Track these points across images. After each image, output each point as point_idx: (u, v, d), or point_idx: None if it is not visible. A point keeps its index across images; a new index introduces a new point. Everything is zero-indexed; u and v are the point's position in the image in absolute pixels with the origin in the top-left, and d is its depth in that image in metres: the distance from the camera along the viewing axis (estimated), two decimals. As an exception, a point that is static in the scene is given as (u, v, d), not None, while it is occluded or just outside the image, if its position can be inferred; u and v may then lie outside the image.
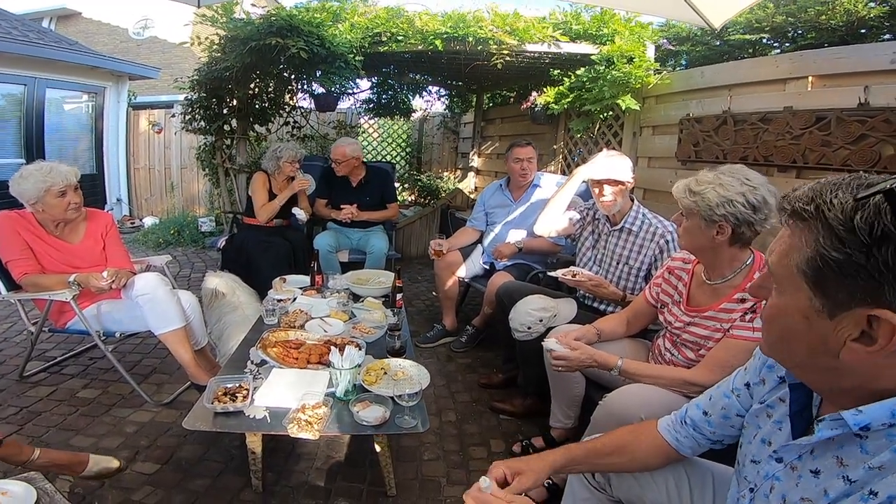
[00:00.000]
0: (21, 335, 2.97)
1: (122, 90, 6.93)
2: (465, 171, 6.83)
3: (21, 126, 5.82)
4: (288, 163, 3.40)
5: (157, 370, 2.61)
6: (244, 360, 1.76)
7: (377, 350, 1.90)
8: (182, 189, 7.21)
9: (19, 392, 2.31)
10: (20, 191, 2.10)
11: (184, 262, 4.92)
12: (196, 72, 4.56)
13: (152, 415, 2.17)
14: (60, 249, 2.21)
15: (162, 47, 10.32)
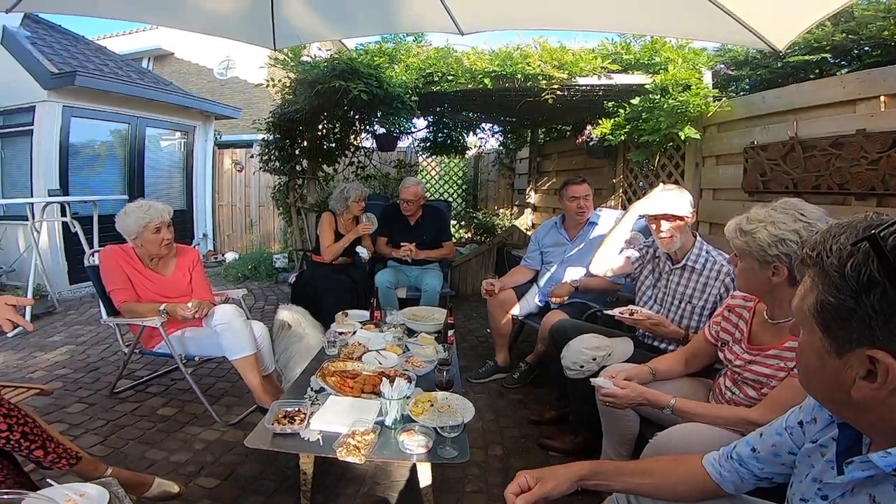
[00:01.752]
0: (115, 356, 3.32)
1: (209, 129, 7.44)
2: (521, 208, 6.84)
3: (125, 163, 6.27)
4: (356, 202, 3.57)
5: (229, 393, 2.82)
6: (305, 386, 1.88)
7: (427, 383, 1.95)
8: (260, 226, 7.79)
9: (109, 406, 2.58)
10: (123, 226, 2.42)
11: (258, 295, 5.28)
12: (271, 114, 4.98)
13: (220, 434, 2.34)
14: (154, 281, 2.49)
15: (243, 87, 10.77)
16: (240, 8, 2.34)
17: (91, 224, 4.57)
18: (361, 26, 2.68)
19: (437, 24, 2.33)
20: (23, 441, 1.40)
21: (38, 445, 1.43)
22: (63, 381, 2.89)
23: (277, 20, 2.38)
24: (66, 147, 5.33)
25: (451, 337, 2.36)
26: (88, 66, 5.78)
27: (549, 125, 6.30)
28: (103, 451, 2.14)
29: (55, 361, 3.24)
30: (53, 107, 5.19)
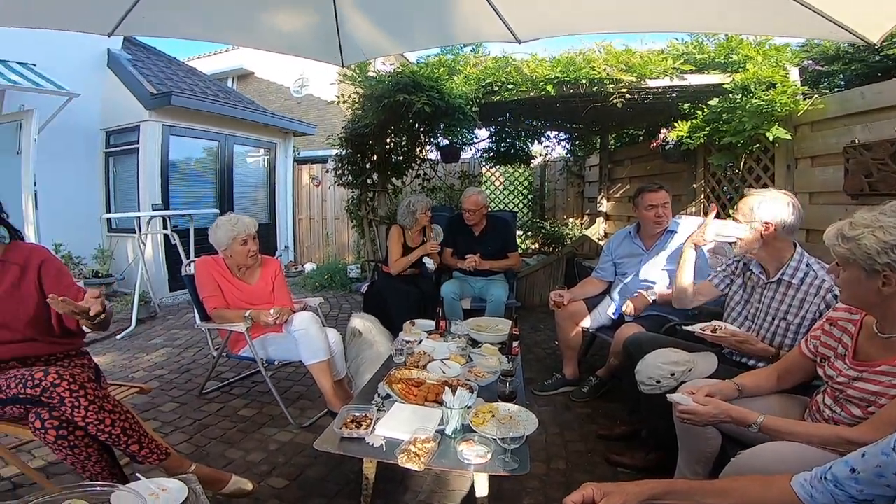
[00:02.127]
0: (206, 359, 3.60)
1: (289, 146, 7.90)
2: (592, 217, 6.64)
3: (216, 179, 6.78)
4: (423, 214, 3.64)
5: (303, 396, 2.96)
6: (373, 392, 1.93)
7: (489, 394, 1.93)
8: (335, 238, 8.17)
9: (197, 406, 2.79)
10: (215, 238, 2.64)
11: (334, 303, 5.52)
12: (343, 129, 5.22)
13: (292, 436, 2.45)
14: (241, 289, 2.69)
15: (317, 104, 11.19)
16: (310, 26, 2.47)
17: (188, 236, 5.02)
18: (420, 40, 2.74)
19: (493, 34, 2.34)
20: (122, 436, 1.56)
21: (135, 440, 1.59)
22: (159, 382, 3.18)
23: (343, 37, 2.48)
24: (166, 164, 5.91)
25: (516, 348, 2.33)
26: (182, 87, 6.32)
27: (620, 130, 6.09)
28: (188, 448, 2.31)
29: (154, 363, 3.57)
30: (155, 126, 5.76)
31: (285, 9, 2.34)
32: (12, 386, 1.52)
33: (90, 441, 1.53)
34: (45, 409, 1.49)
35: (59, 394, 1.48)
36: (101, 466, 1.54)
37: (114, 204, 6.13)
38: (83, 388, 1.52)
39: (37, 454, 2.17)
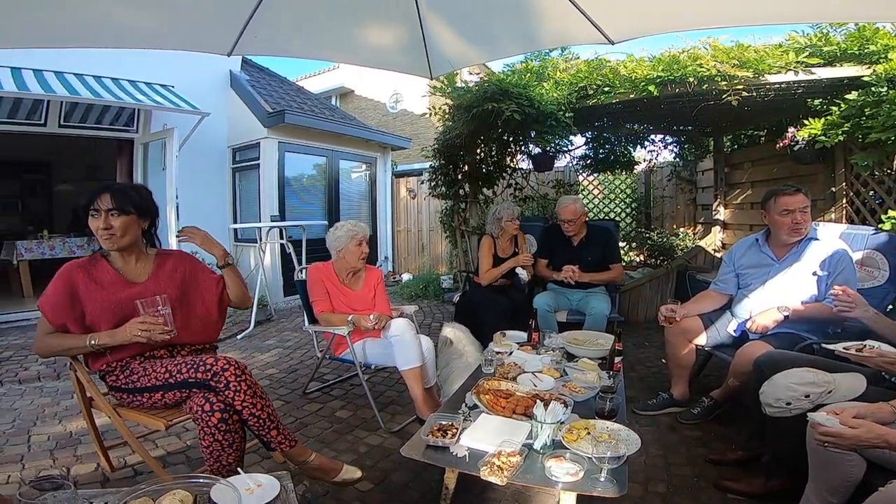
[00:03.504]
0: (311, 360, 3.85)
1: (387, 160, 8.18)
2: (707, 226, 6.05)
3: (325, 192, 7.14)
4: (510, 221, 3.59)
5: (395, 402, 3.02)
6: (461, 402, 1.91)
7: (585, 410, 1.82)
8: (430, 249, 8.39)
9: (299, 406, 2.97)
10: (333, 238, 2.82)
11: (427, 312, 5.63)
12: (435, 140, 5.31)
13: (382, 440, 2.50)
14: (346, 295, 2.85)
15: (411, 119, 11.46)
16: (399, 41, 2.53)
17: (301, 246, 5.42)
18: (506, 47, 2.70)
19: (582, 37, 2.22)
20: (267, 421, 1.73)
21: (274, 426, 1.75)
22: (269, 381, 3.44)
23: (430, 49, 2.51)
24: (282, 178, 6.46)
25: (618, 364, 2.18)
26: (293, 105, 6.85)
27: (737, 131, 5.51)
28: (307, 446, 2.44)
29: (266, 362, 3.89)
30: (272, 142, 6.33)
31: (376, 25, 2.43)
32: (183, 370, 1.71)
33: (239, 427, 1.69)
34: (213, 393, 1.67)
35: (227, 378, 1.68)
36: (236, 456, 1.66)
37: (239, 215, 6.85)
38: (244, 374, 1.72)
39: (158, 444, 2.44)
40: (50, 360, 3.72)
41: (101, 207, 1.74)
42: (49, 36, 1.96)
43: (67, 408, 2.90)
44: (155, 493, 1.18)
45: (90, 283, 1.76)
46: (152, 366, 1.79)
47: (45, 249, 6.05)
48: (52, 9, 1.72)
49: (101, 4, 1.80)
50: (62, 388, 3.24)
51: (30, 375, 3.46)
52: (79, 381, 1.88)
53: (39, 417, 2.77)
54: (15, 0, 1.54)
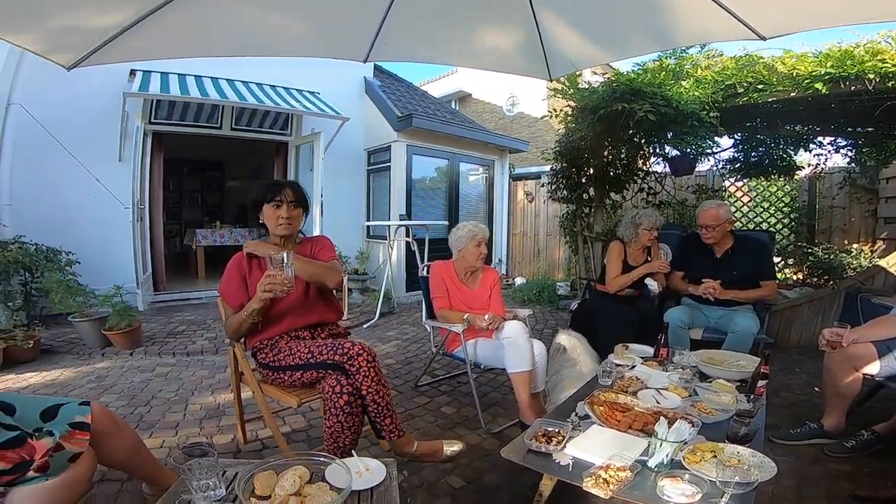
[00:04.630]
0: (425, 354, 3.98)
1: (505, 163, 8.19)
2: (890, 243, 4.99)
3: (446, 194, 7.39)
4: (646, 230, 3.31)
5: (498, 403, 2.99)
6: (570, 411, 1.83)
7: (713, 433, 1.63)
8: (546, 254, 8.16)
9: (410, 397, 3.07)
10: (456, 237, 2.90)
11: (539, 318, 5.49)
12: (557, 142, 5.15)
13: (480, 440, 2.49)
14: (464, 293, 2.90)
15: (528, 122, 11.33)
16: (516, 43, 2.50)
17: (424, 244, 5.65)
18: (636, 46, 2.52)
19: (726, 34, 1.98)
20: (386, 408, 1.86)
21: (389, 414, 1.87)
22: (387, 370, 3.61)
23: (549, 51, 2.45)
24: (409, 180, 6.81)
25: (762, 388, 1.92)
26: (419, 110, 7.17)
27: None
28: (412, 436, 2.50)
29: (386, 352, 4.11)
30: (401, 145, 6.70)
31: (492, 28, 2.43)
32: (324, 352, 1.88)
33: (360, 412, 1.83)
34: (344, 376, 1.82)
35: (360, 363, 1.81)
36: (352, 439, 1.80)
37: (371, 214, 7.37)
38: (375, 361, 1.86)
39: (287, 420, 2.69)
40: (212, 336, 4.37)
41: (285, 199, 2.04)
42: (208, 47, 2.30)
43: (220, 381, 3.33)
44: (279, 468, 1.29)
45: (255, 267, 2.05)
46: (297, 345, 1.98)
47: (216, 237, 7.17)
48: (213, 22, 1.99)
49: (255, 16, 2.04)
50: (218, 363, 3.75)
51: (196, 349, 4.06)
52: (235, 356, 2.15)
53: (197, 388, 3.21)
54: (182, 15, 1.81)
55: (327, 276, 2.06)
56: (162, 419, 2.69)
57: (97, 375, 3.40)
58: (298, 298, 2.07)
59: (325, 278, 2.06)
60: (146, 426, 2.59)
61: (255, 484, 1.23)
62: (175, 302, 5.89)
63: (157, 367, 3.64)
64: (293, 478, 1.24)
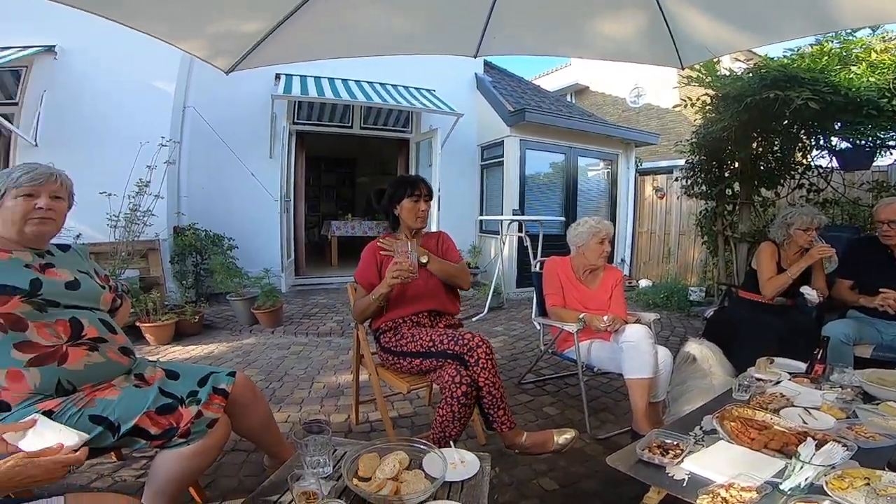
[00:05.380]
0: (532, 352, 3.88)
1: (630, 157, 7.72)
2: None
3: (562, 189, 7.18)
4: (800, 230, 2.83)
5: (608, 409, 2.81)
6: (693, 424, 1.64)
7: (871, 460, 1.36)
8: (678, 256, 7.43)
9: (512, 394, 3.00)
10: (576, 233, 2.76)
11: (666, 324, 5.04)
12: (693, 133, 4.65)
13: (583, 444, 2.36)
14: (580, 292, 2.74)
15: (656, 113, 10.70)
16: (639, 31, 2.32)
17: (537, 241, 5.47)
18: (789, 30, 2.16)
19: None
20: (499, 400, 1.88)
21: (502, 406, 1.89)
22: (491, 365, 3.60)
23: (677, 37, 2.26)
24: (523, 175, 6.73)
25: None
26: (531, 104, 7.03)
27: None
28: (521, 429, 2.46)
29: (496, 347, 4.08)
30: (514, 140, 6.64)
31: (609, 14, 2.29)
32: (445, 341, 1.94)
33: (474, 403, 1.88)
34: (464, 367, 1.88)
35: (479, 355, 1.86)
36: (458, 430, 1.83)
37: (485, 209, 7.44)
38: (492, 353, 1.90)
39: (396, 406, 2.80)
40: (340, 319, 4.75)
41: (421, 193, 2.19)
42: (333, 48, 2.47)
43: (343, 362, 3.60)
44: (382, 451, 1.36)
45: (387, 256, 2.17)
46: (419, 332, 2.05)
47: (348, 228, 7.84)
48: (336, 26, 2.14)
49: (373, 18, 2.16)
50: (343, 345, 4.06)
51: (325, 330, 4.45)
52: (358, 339, 2.30)
53: (322, 368, 3.49)
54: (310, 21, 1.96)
55: (462, 278, 2.26)
56: (290, 395, 2.97)
57: (244, 350, 3.89)
58: (421, 285, 2.16)
59: (460, 280, 2.25)
60: (276, 401, 2.86)
61: (359, 465, 1.29)
62: (311, 286, 6.54)
63: (293, 345, 4.05)
64: (393, 462, 1.29)
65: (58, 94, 4.87)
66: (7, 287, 1.29)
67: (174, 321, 4.19)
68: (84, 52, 4.95)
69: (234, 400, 1.59)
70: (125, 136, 4.70)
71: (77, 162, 3.28)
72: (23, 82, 4.88)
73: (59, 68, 4.93)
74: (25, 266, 1.38)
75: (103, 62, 4.95)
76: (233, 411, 1.59)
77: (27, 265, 1.39)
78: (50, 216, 1.42)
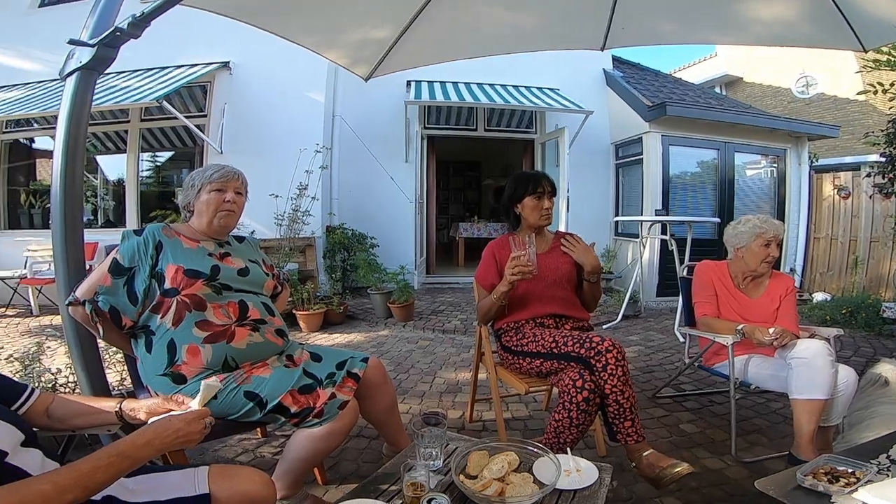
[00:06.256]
0: (672, 365, 3.53)
1: (802, 152, 6.68)
2: None
3: (715, 188, 6.47)
4: None
5: (761, 431, 2.45)
6: (878, 452, 1.35)
7: None
8: (868, 266, 6.14)
9: (644, 407, 2.75)
10: (735, 233, 2.41)
11: (848, 343, 4.20)
12: (891, 122, 3.81)
13: (723, 465, 2.11)
14: (739, 301, 2.40)
15: (833, 104, 9.37)
16: (801, 8, 1.99)
17: (685, 245, 4.89)
18: None
19: None
20: (628, 411, 1.69)
21: (630, 417, 1.70)
22: (626, 375, 3.36)
23: (852, 15, 1.92)
24: (666, 173, 6.18)
25: None
26: (672, 97, 6.45)
27: None
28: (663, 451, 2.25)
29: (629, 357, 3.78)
30: (655, 137, 6.13)
31: None
32: (569, 343, 1.82)
33: (595, 411, 1.73)
34: (588, 371, 1.72)
35: (608, 359, 1.69)
36: (575, 437, 1.71)
37: (620, 210, 6.99)
38: (624, 359, 1.73)
39: (510, 407, 2.75)
40: (464, 318, 4.88)
41: (545, 190, 2.10)
42: (457, 50, 2.52)
43: (463, 359, 3.67)
44: (493, 450, 1.34)
45: (507, 256, 2.04)
46: (541, 333, 1.96)
47: (474, 230, 8.04)
48: (459, 28, 2.19)
49: (493, 17, 2.16)
50: (465, 343, 4.15)
51: (450, 327, 4.60)
52: (480, 336, 2.31)
53: (445, 364, 3.59)
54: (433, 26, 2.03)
55: (599, 298, 2.17)
56: (414, 387, 3.10)
57: (378, 342, 4.19)
58: (546, 286, 2.08)
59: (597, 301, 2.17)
60: (401, 392, 3.01)
61: (468, 461, 1.29)
62: (440, 284, 6.83)
63: (420, 340, 4.26)
64: (503, 462, 1.26)
65: (235, 105, 5.86)
66: (195, 271, 1.55)
67: (323, 311, 4.71)
68: (251, 67, 5.91)
69: (366, 382, 1.70)
70: (287, 143, 5.48)
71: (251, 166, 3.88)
72: (209, 96, 5.96)
73: (234, 82, 5.94)
74: (209, 254, 1.64)
75: (267, 76, 5.85)
76: (363, 393, 1.70)
77: (210, 253, 1.65)
78: (234, 209, 1.69)
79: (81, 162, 1.61)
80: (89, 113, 1.61)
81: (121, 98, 4.98)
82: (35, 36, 6.13)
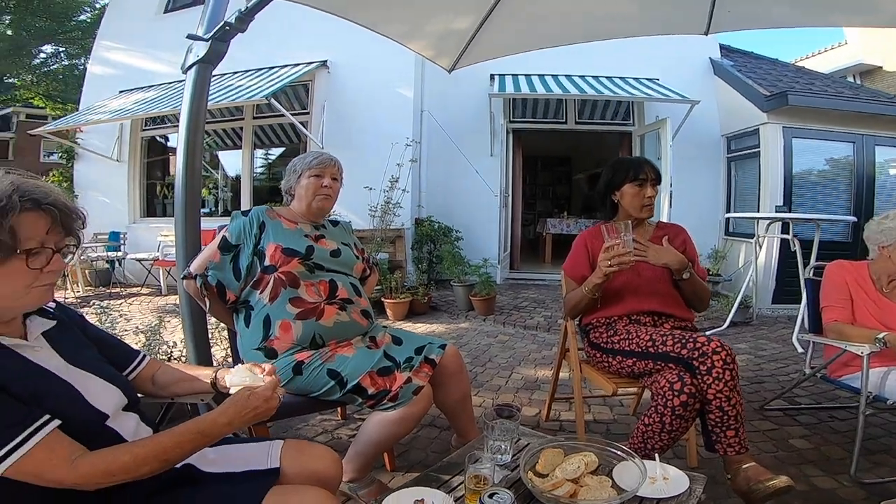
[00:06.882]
0: (787, 377, 3.15)
1: None
2: None
3: (850, 185, 5.72)
4: None
5: (889, 451, 2.13)
6: None
7: None
8: None
9: (749, 419, 2.42)
10: (880, 229, 2.10)
11: None
12: None
13: (837, 486, 1.88)
14: (881, 307, 2.08)
15: None
16: None
17: (810, 247, 4.31)
18: None
19: None
20: (733, 420, 1.52)
21: (735, 427, 1.52)
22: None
23: None
24: (788, 167, 5.51)
25: None
26: (795, 87, 5.76)
27: None
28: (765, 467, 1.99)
29: (735, 367, 3.45)
30: (774, 128, 5.48)
31: None
32: (668, 342, 1.64)
33: (692, 418, 1.57)
34: (689, 374, 1.56)
35: (714, 362, 1.52)
36: (664, 443, 1.56)
37: (733, 207, 6.35)
38: (734, 363, 1.54)
39: (592, 409, 2.60)
40: (547, 315, 4.74)
41: (647, 177, 1.92)
42: (545, 38, 2.38)
43: (544, 357, 3.55)
44: (569, 449, 1.25)
45: (597, 246, 1.90)
46: (636, 330, 1.79)
47: (563, 226, 7.82)
48: (546, 15, 2.07)
49: (583, 1, 2.01)
50: (547, 340, 4.03)
51: (532, 324, 4.49)
52: (565, 331, 2.17)
53: (524, 360, 3.50)
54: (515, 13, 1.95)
55: (706, 297, 1.96)
56: (489, 381, 3.06)
57: (458, 333, 4.22)
58: (645, 280, 1.91)
59: (698, 299, 1.95)
60: (476, 385, 2.97)
61: (539, 458, 1.21)
62: (524, 280, 6.71)
63: (500, 334, 4.21)
64: (579, 462, 1.17)
65: (334, 102, 6.20)
66: (291, 250, 1.65)
67: (409, 300, 4.85)
68: (347, 65, 6.20)
69: (442, 369, 1.70)
70: (380, 137, 5.69)
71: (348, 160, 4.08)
72: (310, 94, 6.37)
73: (332, 80, 6.28)
74: (305, 235, 1.74)
75: (360, 73, 6.12)
76: (439, 381, 1.70)
77: (306, 234, 1.74)
78: (330, 194, 1.78)
79: (200, 150, 1.79)
80: (206, 103, 1.77)
81: (236, 96, 5.52)
82: (161, 39, 6.88)
